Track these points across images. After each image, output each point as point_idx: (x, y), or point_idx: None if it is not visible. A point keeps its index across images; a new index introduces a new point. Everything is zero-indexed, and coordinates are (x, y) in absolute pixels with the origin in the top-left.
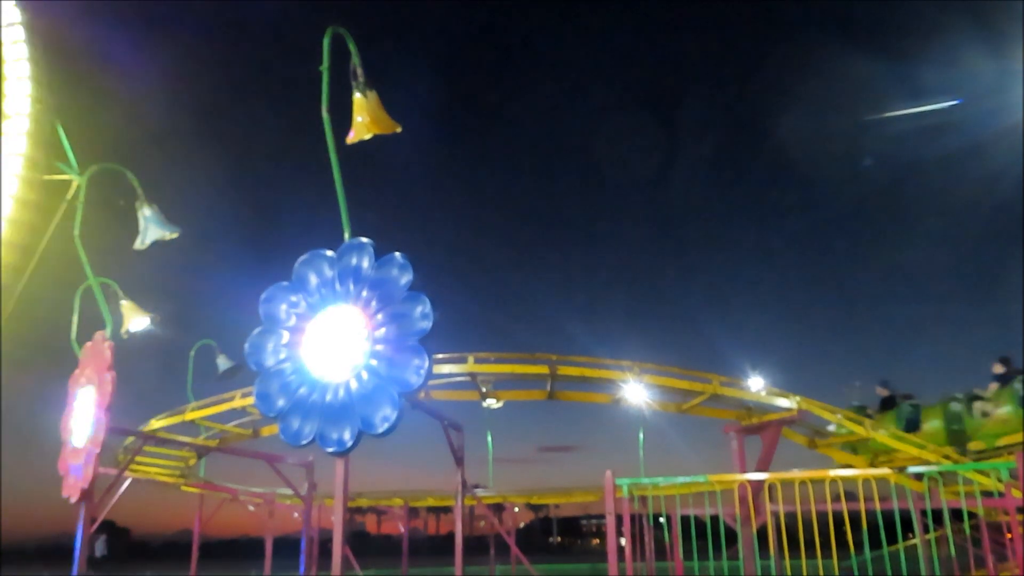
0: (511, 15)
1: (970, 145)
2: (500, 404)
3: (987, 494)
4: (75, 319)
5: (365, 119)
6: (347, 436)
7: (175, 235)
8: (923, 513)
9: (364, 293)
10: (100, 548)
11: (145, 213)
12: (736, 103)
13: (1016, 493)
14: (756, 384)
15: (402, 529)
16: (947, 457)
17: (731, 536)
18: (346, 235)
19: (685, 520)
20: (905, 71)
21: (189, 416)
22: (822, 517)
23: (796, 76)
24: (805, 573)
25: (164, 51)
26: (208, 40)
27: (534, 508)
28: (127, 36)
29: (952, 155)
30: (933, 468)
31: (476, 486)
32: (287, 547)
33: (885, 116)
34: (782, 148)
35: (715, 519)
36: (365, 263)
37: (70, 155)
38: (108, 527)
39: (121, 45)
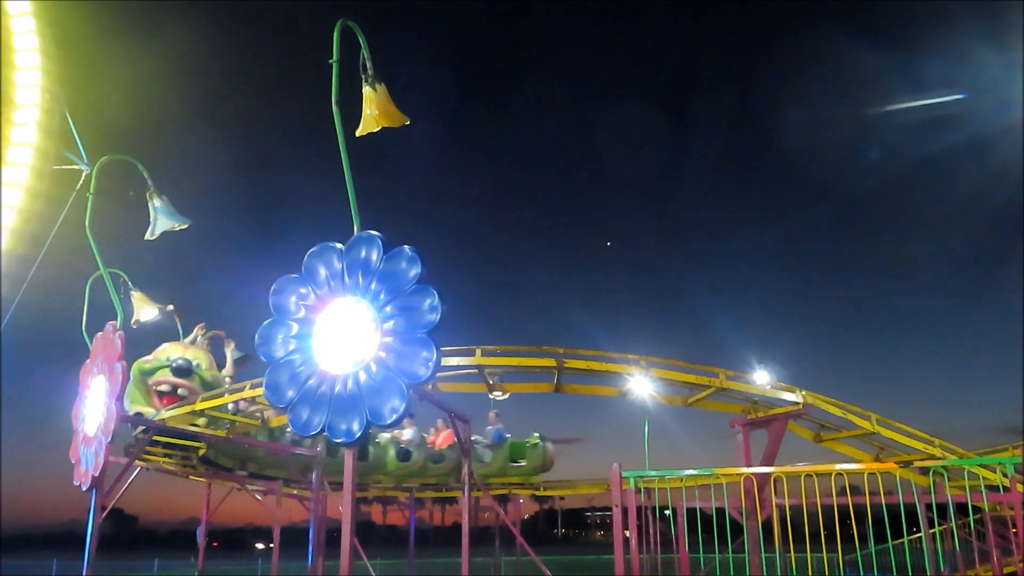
0: (520, 9)
1: (974, 139)
2: (506, 395)
3: (992, 488)
4: (85, 309)
5: (374, 112)
6: (356, 427)
7: (185, 226)
8: (928, 507)
9: (373, 285)
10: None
11: (155, 204)
12: (743, 96)
13: (1021, 488)
14: (762, 378)
15: (408, 519)
16: (951, 452)
17: (737, 529)
18: (355, 227)
19: (691, 513)
20: (910, 65)
21: (199, 406)
22: (827, 510)
23: (802, 69)
24: (810, 566)
25: (174, 41)
26: (218, 31)
27: (539, 500)
28: (137, 27)
29: (956, 149)
30: (939, 463)
31: None
32: (294, 536)
33: (890, 110)
34: (788, 141)
35: (721, 512)
36: (374, 256)
37: (80, 145)
38: (117, 515)
39: (131, 36)
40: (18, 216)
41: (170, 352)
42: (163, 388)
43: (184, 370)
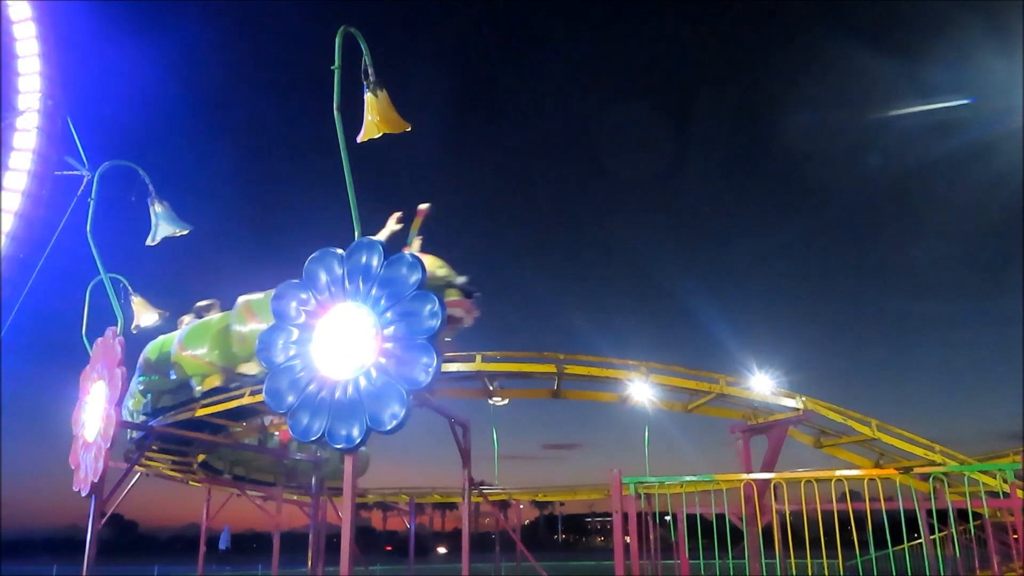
0: (519, 11)
1: (977, 144)
2: (506, 401)
3: (992, 494)
4: (86, 314)
5: (375, 118)
6: (355, 433)
7: (186, 231)
8: (928, 513)
9: (373, 291)
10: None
11: (156, 210)
12: (745, 100)
13: (1021, 493)
14: (762, 384)
15: (408, 525)
16: (952, 458)
17: (737, 535)
18: (356, 233)
19: (691, 519)
20: (914, 70)
21: (199, 412)
22: (828, 516)
23: (804, 73)
24: (811, 572)
25: (175, 48)
26: (219, 36)
27: (539, 505)
28: (138, 32)
29: (959, 154)
30: (939, 469)
31: (482, 483)
32: (294, 542)
33: (893, 115)
34: (790, 145)
35: (721, 518)
36: (375, 261)
37: (81, 150)
38: (116, 520)
39: (132, 42)
40: (19, 221)
41: (437, 268)
42: (455, 313)
43: (470, 292)
